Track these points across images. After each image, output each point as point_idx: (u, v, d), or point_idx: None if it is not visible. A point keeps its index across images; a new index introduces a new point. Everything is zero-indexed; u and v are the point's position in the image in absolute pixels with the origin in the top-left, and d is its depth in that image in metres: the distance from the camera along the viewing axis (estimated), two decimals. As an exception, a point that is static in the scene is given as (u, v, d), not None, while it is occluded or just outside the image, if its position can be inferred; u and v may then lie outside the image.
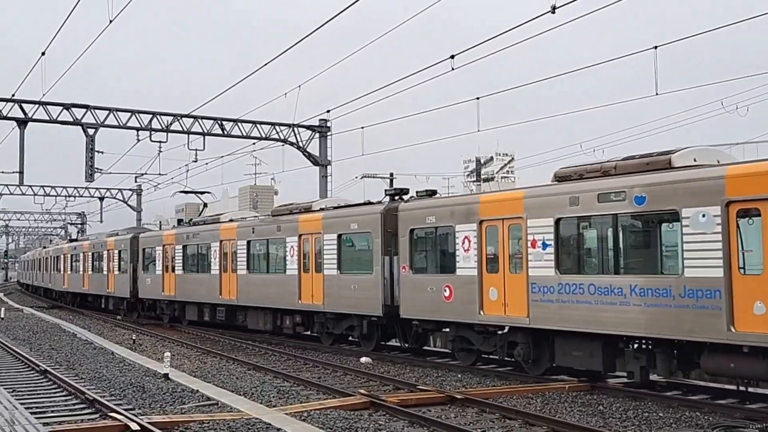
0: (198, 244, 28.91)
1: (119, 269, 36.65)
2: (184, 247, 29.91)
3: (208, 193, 35.30)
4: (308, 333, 24.20)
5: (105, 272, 38.74)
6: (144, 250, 33.86)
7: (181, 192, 37.35)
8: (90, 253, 42.01)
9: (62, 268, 48.88)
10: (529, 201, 15.75)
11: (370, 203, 21.55)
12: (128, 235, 36.53)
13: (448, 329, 18.74)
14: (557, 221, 15.05)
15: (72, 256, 46.31)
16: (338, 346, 22.39)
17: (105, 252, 38.90)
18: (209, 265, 27.76)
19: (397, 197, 20.68)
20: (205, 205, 35.22)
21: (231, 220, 27.76)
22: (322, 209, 22.55)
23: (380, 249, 19.61)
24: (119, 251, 36.71)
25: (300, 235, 22.52)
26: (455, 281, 17.22)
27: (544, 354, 15.88)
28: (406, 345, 20.32)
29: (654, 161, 14.01)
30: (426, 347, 21.18)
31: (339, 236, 21.02)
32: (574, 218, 14.90)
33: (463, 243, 17.03)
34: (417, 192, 20.10)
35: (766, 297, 11.72)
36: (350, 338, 22.75)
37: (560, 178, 15.75)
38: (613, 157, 15.75)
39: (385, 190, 21.99)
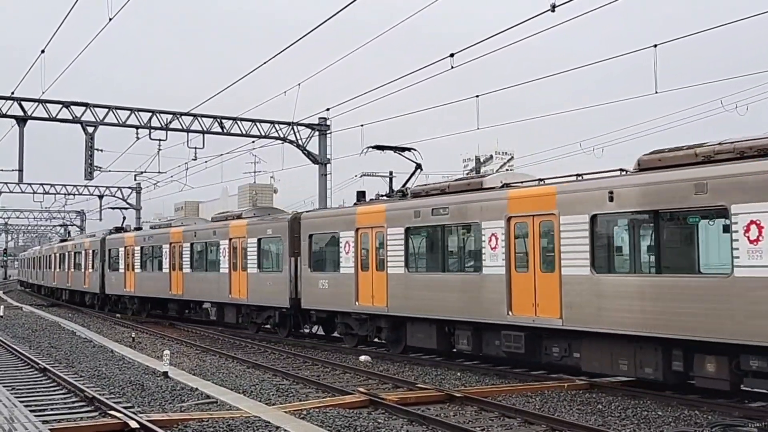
0: (443, 226, 18.48)
1: (259, 266, 26.22)
2: (408, 231, 19.39)
3: (410, 150, 23.44)
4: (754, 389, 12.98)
5: (223, 270, 28.08)
6: (311, 236, 23.63)
7: (373, 147, 24.24)
8: (188, 244, 31.28)
9: (123, 266, 38.16)
10: None
11: None
12: (283, 216, 26.12)
13: None
14: None
15: (143, 249, 35.92)
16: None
17: (225, 242, 28.15)
18: (478, 259, 17.42)
19: None
20: (419, 166, 22.96)
21: (506, 185, 17.26)
22: None
23: None
24: (259, 240, 26.34)
25: None
26: None
27: None
28: None
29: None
30: None
31: None
32: None
33: None
34: None
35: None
36: None
37: None
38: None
39: None
